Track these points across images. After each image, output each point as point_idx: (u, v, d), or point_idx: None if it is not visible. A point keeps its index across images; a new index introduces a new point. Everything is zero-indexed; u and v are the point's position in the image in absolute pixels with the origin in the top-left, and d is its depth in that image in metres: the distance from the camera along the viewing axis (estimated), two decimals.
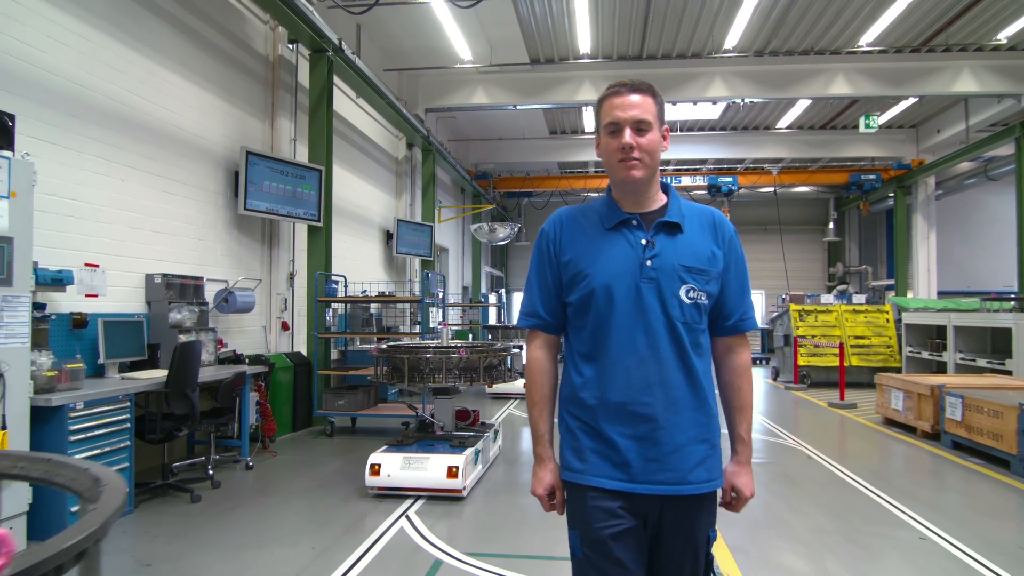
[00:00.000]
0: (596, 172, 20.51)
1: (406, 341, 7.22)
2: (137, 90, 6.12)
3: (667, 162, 19.89)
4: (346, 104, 10.95)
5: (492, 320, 18.78)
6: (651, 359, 1.68)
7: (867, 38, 11.91)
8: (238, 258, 7.81)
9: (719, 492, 1.80)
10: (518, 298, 24.56)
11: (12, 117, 4.18)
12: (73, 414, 4.31)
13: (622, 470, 1.68)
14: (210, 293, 6.96)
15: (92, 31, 5.58)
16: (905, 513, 4.89)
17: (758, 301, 21.94)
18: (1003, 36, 11.70)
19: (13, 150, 4.12)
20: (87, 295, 5.41)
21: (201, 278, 6.74)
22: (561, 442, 1.82)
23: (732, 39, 12.02)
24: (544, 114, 16.47)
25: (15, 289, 3.95)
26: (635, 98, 1.72)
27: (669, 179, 20.29)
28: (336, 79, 9.22)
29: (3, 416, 3.80)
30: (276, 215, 7.94)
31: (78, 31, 5.43)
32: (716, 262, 1.76)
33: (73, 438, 4.27)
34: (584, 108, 15.74)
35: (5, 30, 4.76)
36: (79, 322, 5.24)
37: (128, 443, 4.75)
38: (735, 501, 1.83)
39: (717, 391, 1.81)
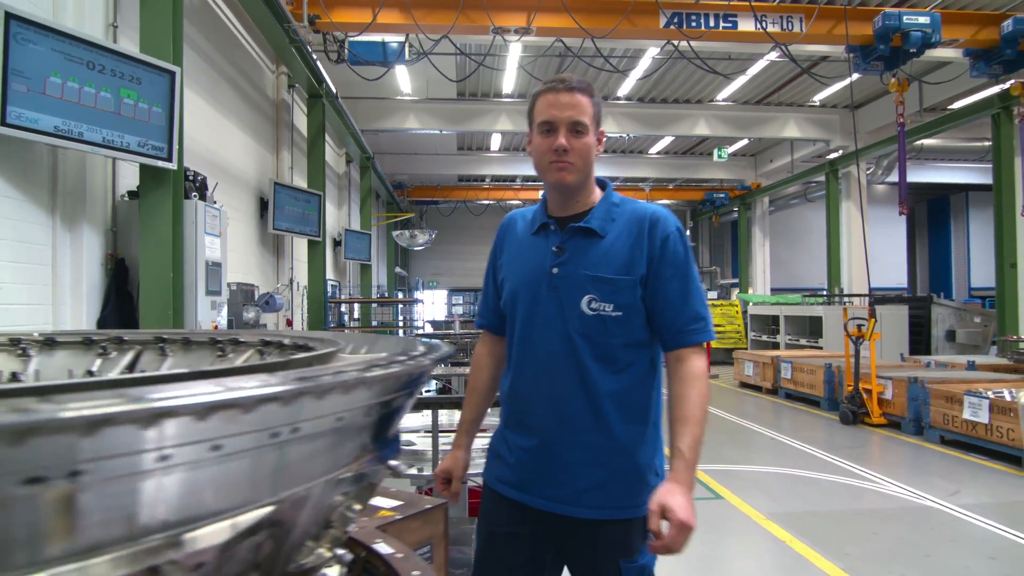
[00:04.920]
0: (493, 184, 23.18)
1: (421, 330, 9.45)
2: (215, 139, 7.92)
3: None
4: (302, 120, 12.70)
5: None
6: (546, 372, 1.60)
7: (722, 95, 15.50)
8: (261, 268, 9.63)
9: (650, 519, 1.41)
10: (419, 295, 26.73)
11: (205, 179, 6.08)
12: None
13: (518, 479, 1.64)
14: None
15: (199, 99, 7.37)
16: (755, 429, 7.95)
17: None
18: (817, 99, 15.73)
19: (208, 201, 6.03)
20: None
21: (253, 285, 8.60)
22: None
23: (624, 89, 15.15)
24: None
25: (222, 297, 5.90)
26: (573, 97, 1.60)
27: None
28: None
29: None
30: (292, 232, 9.82)
31: (192, 100, 7.22)
32: (634, 269, 1.59)
33: None
34: (493, 135, 18.37)
35: None
36: None
37: None
38: (670, 530, 1.38)
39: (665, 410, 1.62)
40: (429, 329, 18.52)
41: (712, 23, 8.79)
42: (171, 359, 1.09)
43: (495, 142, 19.81)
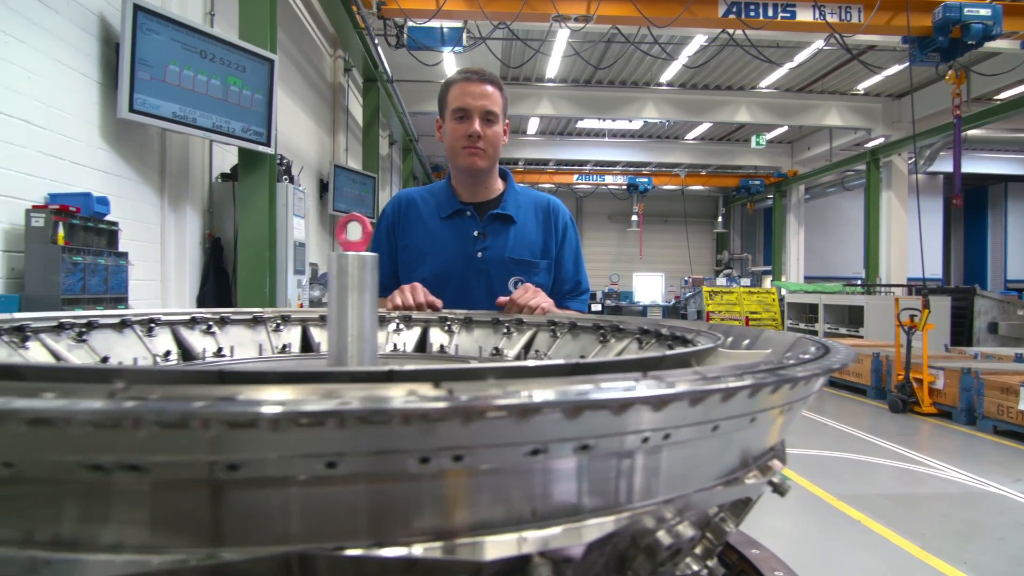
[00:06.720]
0: (526, 168, 23.27)
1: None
2: (288, 125, 8.14)
3: (584, 163, 22.90)
4: (354, 103, 12.91)
5: None
6: None
7: (766, 82, 15.46)
8: (320, 248, 9.90)
9: None
10: None
11: (291, 163, 6.32)
12: None
13: None
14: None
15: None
16: (807, 415, 8.11)
17: (659, 282, 25.43)
18: (861, 87, 15.64)
19: (296, 184, 6.28)
20: None
21: (315, 264, 8.87)
22: None
23: (667, 76, 15.17)
24: None
25: (305, 276, 6.16)
26: (485, 88, 1.72)
27: (591, 177, 23.49)
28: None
29: None
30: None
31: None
32: (548, 252, 1.83)
33: None
34: (531, 119, 18.46)
35: None
36: None
37: None
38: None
39: None
40: None
41: (771, 13, 8.83)
42: (559, 341, 1.22)
43: (532, 126, 19.88)
